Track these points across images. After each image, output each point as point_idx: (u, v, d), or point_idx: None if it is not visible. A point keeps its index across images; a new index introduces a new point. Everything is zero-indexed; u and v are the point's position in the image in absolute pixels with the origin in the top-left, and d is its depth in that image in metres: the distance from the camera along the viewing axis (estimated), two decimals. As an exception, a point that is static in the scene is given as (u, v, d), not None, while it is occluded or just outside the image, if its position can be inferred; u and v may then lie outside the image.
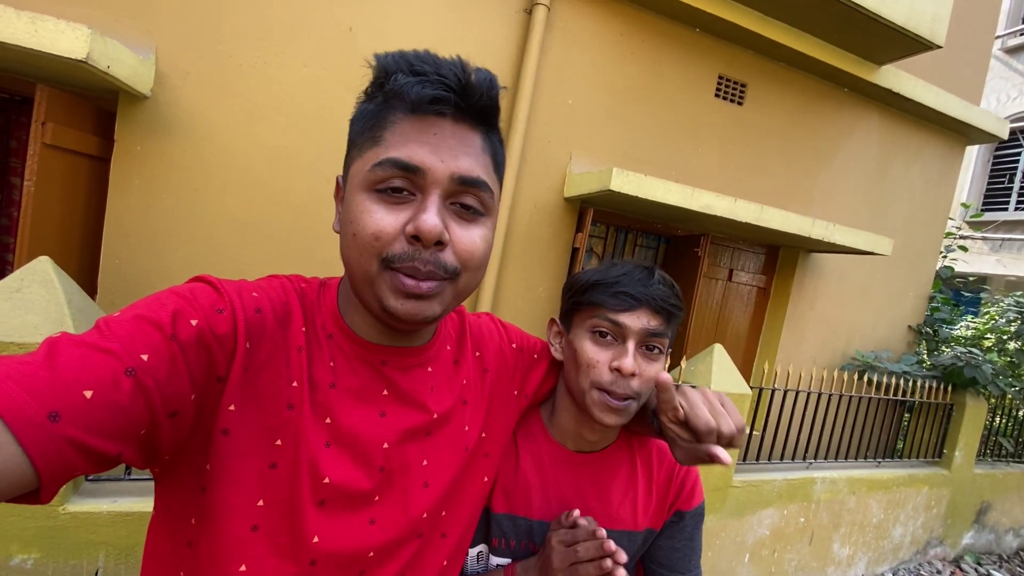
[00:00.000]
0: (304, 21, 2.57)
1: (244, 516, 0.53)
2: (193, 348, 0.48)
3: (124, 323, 0.45)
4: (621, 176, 2.67)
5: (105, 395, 0.41)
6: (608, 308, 0.77)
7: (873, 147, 4.13)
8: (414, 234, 0.52)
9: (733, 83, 3.55)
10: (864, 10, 3.03)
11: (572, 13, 3.04)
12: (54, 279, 1.60)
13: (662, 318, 0.78)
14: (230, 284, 0.55)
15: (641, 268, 0.80)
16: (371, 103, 0.56)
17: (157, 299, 0.49)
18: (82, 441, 0.40)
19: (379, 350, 0.62)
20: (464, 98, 0.54)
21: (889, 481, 3.60)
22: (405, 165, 0.52)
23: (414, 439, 0.64)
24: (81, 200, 2.38)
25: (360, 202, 0.54)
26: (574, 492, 0.85)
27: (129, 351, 0.43)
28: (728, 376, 2.75)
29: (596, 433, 0.85)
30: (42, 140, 2.11)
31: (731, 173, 3.62)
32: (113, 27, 2.28)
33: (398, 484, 0.62)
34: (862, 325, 4.35)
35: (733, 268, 4.02)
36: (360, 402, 0.60)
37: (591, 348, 0.78)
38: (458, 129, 0.55)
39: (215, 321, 0.50)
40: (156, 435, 0.46)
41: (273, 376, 0.55)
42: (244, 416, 0.53)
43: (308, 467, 0.55)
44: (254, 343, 0.54)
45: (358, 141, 0.56)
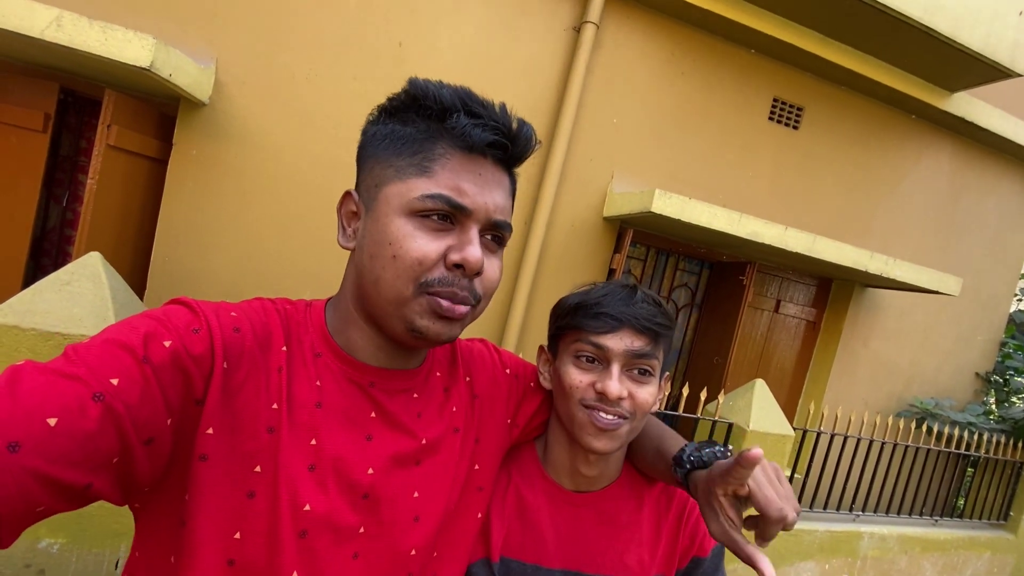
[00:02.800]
0: (357, 35, 2.64)
1: (220, 550, 0.50)
2: (168, 370, 0.46)
3: (92, 348, 0.44)
4: (663, 198, 2.59)
5: (71, 422, 0.39)
6: (589, 331, 0.74)
7: (942, 178, 3.86)
8: (458, 263, 0.55)
9: (789, 106, 3.40)
10: (936, 34, 2.85)
11: (622, 32, 3.00)
12: (102, 274, 1.66)
13: (648, 338, 0.73)
14: (207, 305, 0.53)
15: (623, 287, 0.77)
16: (409, 126, 0.56)
17: (128, 323, 0.47)
18: (45, 472, 0.37)
19: (368, 371, 0.61)
20: (512, 147, 0.58)
21: (947, 542, 3.29)
22: (457, 204, 0.54)
23: (402, 467, 0.61)
24: (138, 199, 2.50)
25: (402, 226, 0.54)
26: (575, 535, 0.79)
27: (97, 376, 0.42)
28: (769, 414, 2.58)
29: (592, 468, 0.80)
30: (107, 141, 2.23)
31: (783, 200, 3.46)
32: (178, 37, 2.41)
33: (385, 516, 0.59)
34: (922, 369, 4.03)
35: (781, 299, 3.82)
36: (347, 423, 0.58)
37: (575, 373, 0.75)
38: (497, 172, 0.58)
39: (190, 341, 0.49)
40: (131, 465, 0.44)
41: (252, 398, 0.53)
42: (222, 440, 0.50)
43: (288, 494, 0.53)
44: (232, 363, 0.52)
45: (396, 163, 0.56)
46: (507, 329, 2.94)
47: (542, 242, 2.95)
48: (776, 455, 2.52)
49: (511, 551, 0.78)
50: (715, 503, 0.61)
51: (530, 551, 0.78)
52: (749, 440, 2.49)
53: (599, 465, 0.80)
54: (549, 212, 2.93)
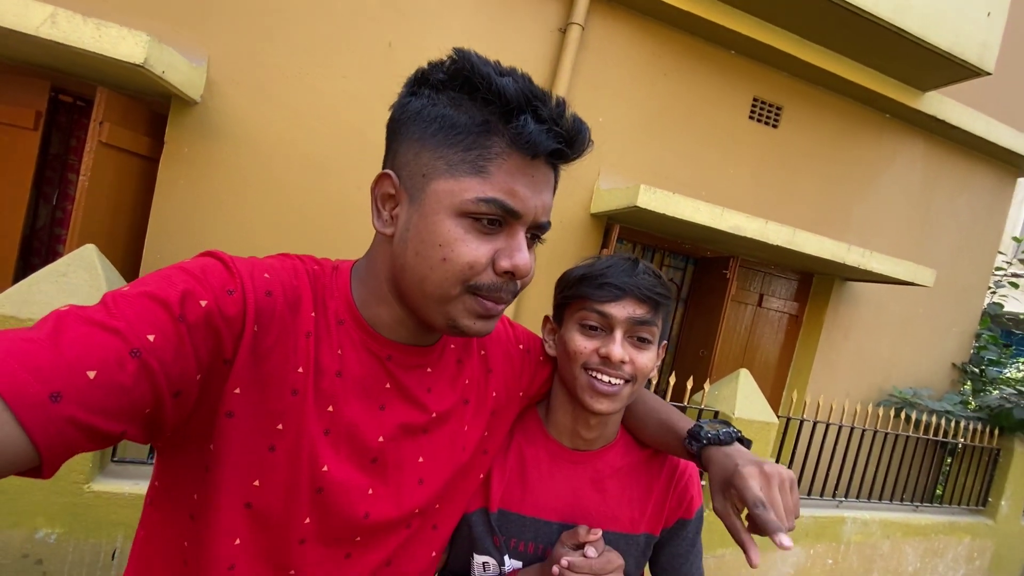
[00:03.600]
0: (347, 36, 2.69)
1: (239, 494, 0.54)
2: (201, 329, 0.47)
3: (132, 300, 0.44)
4: (648, 193, 2.66)
5: (108, 376, 0.41)
6: (594, 299, 0.78)
7: (916, 175, 4.00)
8: (509, 270, 0.55)
9: (768, 105, 3.51)
10: (908, 35, 2.97)
11: (606, 33, 3.08)
12: (98, 266, 1.69)
13: (648, 307, 0.78)
14: (242, 263, 0.53)
15: (625, 259, 0.82)
16: (462, 114, 0.53)
17: (166, 276, 0.48)
18: (84, 421, 0.40)
19: (387, 344, 0.62)
20: (571, 151, 0.56)
21: (927, 528, 3.38)
22: (510, 209, 0.54)
23: (410, 435, 0.64)
24: (129, 197, 2.52)
25: (452, 228, 0.54)
26: (571, 490, 0.84)
27: (135, 331, 0.43)
28: (753, 403, 2.66)
29: (592, 430, 0.85)
30: (98, 138, 2.25)
31: (764, 196, 3.56)
32: (171, 36, 2.44)
33: (392, 479, 0.63)
34: (901, 360, 4.15)
35: (764, 293, 3.91)
36: (363, 393, 0.60)
37: (579, 339, 0.79)
38: (547, 172, 0.57)
39: (224, 302, 0.49)
40: (159, 414, 0.47)
41: (280, 361, 0.54)
42: (248, 399, 0.53)
43: (308, 454, 0.55)
44: (262, 327, 0.53)
45: (448, 156, 0.54)
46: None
47: (531, 238, 3.01)
48: (761, 442, 2.59)
49: (511, 504, 0.82)
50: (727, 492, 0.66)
51: (529, 505, 0.82)
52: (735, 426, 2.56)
53: (598, 428, 0.85)
54: (537, 208, 2.99)
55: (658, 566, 0.89)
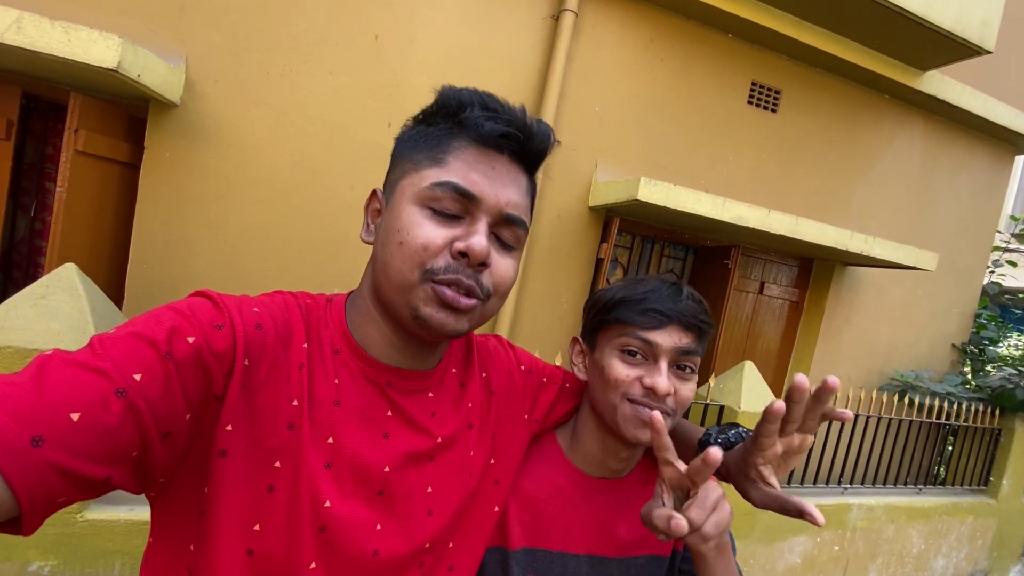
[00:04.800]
0: (331, 30, 2.57)
1: (240, 540, 0.51)
2: (189, 366, 0.47)
3: (118, 341, 0.44)
4: (649, 185, 2.59)
5: (93, 417, 0.40)
6: (637, 326, 0.73)
7: (916, 156, 3.95)
8: (463, 251, 0.55)
9: (767, 90, 3.43)
10: (909, 14, 2.89)
11: (600, 19, 2.98)
12: (79, 286, 1.60)
13: (693, 335, 0.74)
14: (231, 299, 0.54)
15: (669, 284, 0.77)
16: (433, 127, 0.59)
17: (154, 316, 0.48)
18: (66, 466, 0.38)
19: (386, 370, 0.61)
20: (526, 141, 0.58)
21: (931, 509, 3.40)
22: (465, 191, 0.55)
23: (417, 464, 0.63)
24: (111, 206, 2.42)
25: (412, 214, 0.55)
26: (596, 520, 0.80)
27: (120, 371, 0.42)
28: (758, 395, 2.63)
29: (622, 461, 0.81)
30: (74, 147, 2.14)
31: (764, 183, 3.50)
32: (146, 36, 2.32)
33: (400, 511, 0.61)
34: (902, 343, 4.14)
35: (764, 281, 3.87)
36: (364, 422, 0.59)
37: (620, 367, 0.74)
38: (512, 168, 0.59)
39: (213, 338, 0.49)
40: (148, 457, 0.45)
41: (273, 395, 0.53)
42: (242, 436, 0.51)
43: (308, 491, 0.54)
44: (253, 360, 0.52)
45: (415, 158, 0.58)
46: (499, 320, 2.93)
47: (530, 235, 2.92)
48: (767, 434, 2.57)
49: (535, 541, 0.77)
50: (753, 474, 0.66)
51: (556, 539, 0.78)
52: (741, 421, 2.53)
53: (629, 458, 0.81)
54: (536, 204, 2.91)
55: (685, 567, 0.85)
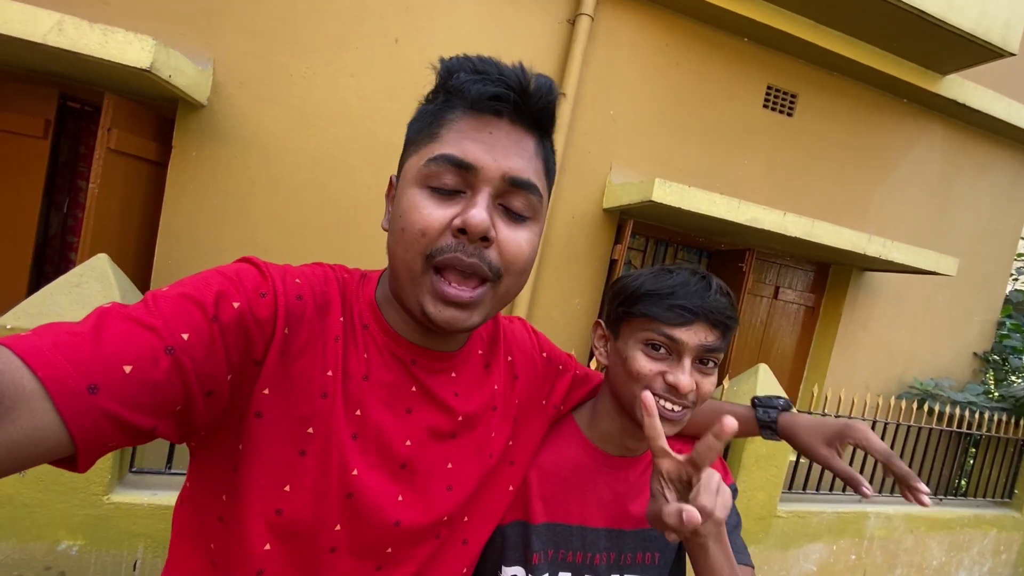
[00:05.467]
0: (353, 33, 2.65)
1: (270, 499, 0.53)
2: (233, 330, 0.49)
3: (170, 300, 0.46)
4: (664, 187, 2.61)
5: (143, 371, 0.42)
6: (663, 322, 0.72)
7: (935, 161, 3.90)
8: (461, 227, 0.52)
9: (783, 93, 3.43)
10: (928, 16, 2.88)
11: (616, 23, 3.02)
12: (110, 276, 1.67)
13: (719, 332, 0.73)
14: (275, 268, 0.55)
15: (698, 277, 0.75)
16: (432, 104, 0.57)
17: (204, 279, 0.50)
18: (118, 414, 0.41)
19: (411, 348, 0.62)
20: (523, 100, 0.54)
21: (952, 521, 3.32)
22: (458, 161, 0.52)
23: (438, 440, 0.64)
24: (139, 202, 2.50)
25: (411, 197, 0.54)
26: (614, 495, 0.83)
27: (171, 329, 0.44)
28: (774, 398, 2.61)
29: (640, 441, 0.82)
30: (107, 145, 2.23)
31: (779, 186, 3.49)
32: (176, 40, 2.41)
33: (420, 484, 0.62)
34: (921, 351, 4.07)
35: (779, 285, 3.84)
36: (389, 397, 0.60)
37: (643, 361, 0.74)
38: (513, 130, 0.55)
39: (257, 305, 0.51)
40: (192, 412, 0.47)
41: (309, 364, 0.55)
42: (277, 401, 0.53)
43: (338, 458, 0.55)
44: (292, 329, 0.54)
45: (416, 139, 0.57)
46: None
47: (544, 236, 2.96)
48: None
49: (556, 516, 0.79)
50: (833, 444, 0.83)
51: (575, 513, 0.80)
52: (755, 424, 2.51)
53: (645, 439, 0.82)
54: (550, 205, 2.95)
55: None
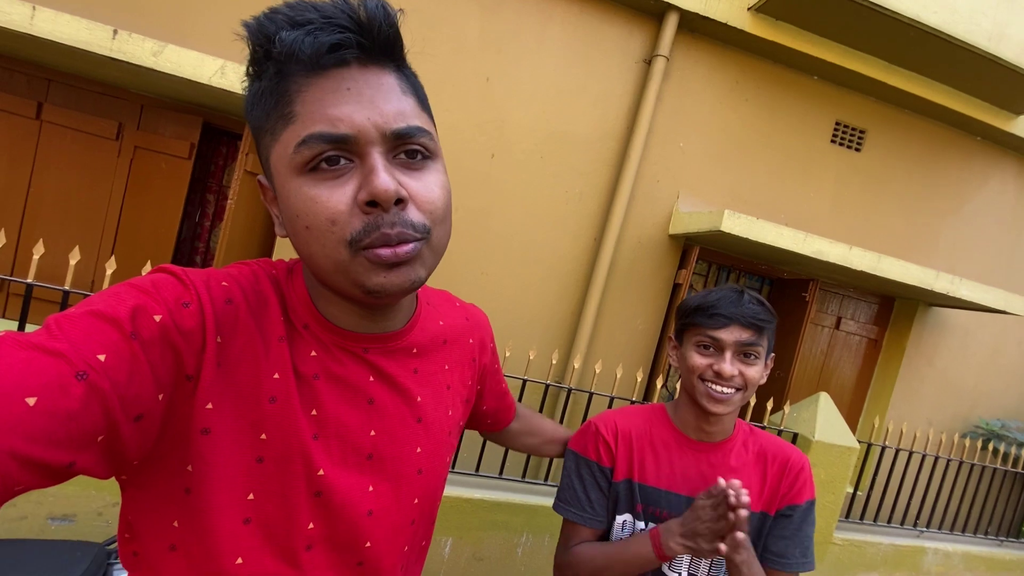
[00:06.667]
0: (450, 72, 2.95)
1: (235, 511, 0.51)
2: (157, 346, 0.44)
3: (77, 321, 0.41)
4: (732, 218, 2.76)
5: (51, 401, 0.37)
6: (707, 327, 0.97)
7: (1008, 199, 3.87)
8: (368, 200, 0.47)
9: (851, 129, 3.52)
10: (1003, 62, 2.93)
11: (689, 63, 3.21)
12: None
13: (753, 331, 0.96)
14: (196, 274, 0.50)
15: (733, 291, 0.99)
16: (262, 80, 0.48)
17: (114, 294, 0.44)
18: (23, 453, 0.36)
19: (359, 338, 0.58)
20: (365, 36, 0.47)
21: (1012, 563, 3.25)
22: (331, 137, 0.46)
23: (403, 425, 0.62)
24: (262, 216, 2.87)
25: (298, 190, 0.47)
26: (697, 471, 1.03)
27: (80, 352, 0.39)
28: (833, 427, 2.69)
29: (712, 425, 1.03)
30: (244, 168, 2.60)
31: (845, 219, 3.56)
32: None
33: (390, 472, 0.61)
34: (989, 390, 4.00)
35: (842, 316, 3.89)
36: (347, 391, 0.57)
37: (697, 358, 0.99)
38: (369, 75, 0.48)
39: (180, 316, 0.46)
40: (119, 441, 0.42)
41: (250, 370, 0.51)
42: (224, 413, 0.49)
43: (301, 460, 0.53)
44: (226, 337, 0.49)
45: (266, 126, 0.49)
46: (577, 338, 3.16)
47: (611, 258, 3.16)
48: (840, 467, 2.62)
49: (647, 479, 1.03)
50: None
51: (664, 480, 1.02)
52: (815, 450, 2.60)
53: (717, 424, 1.03)
54: (619, 230, 3.15)
55: (766, 549, 1.03)
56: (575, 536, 1.07)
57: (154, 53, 2.19)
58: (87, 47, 2.13)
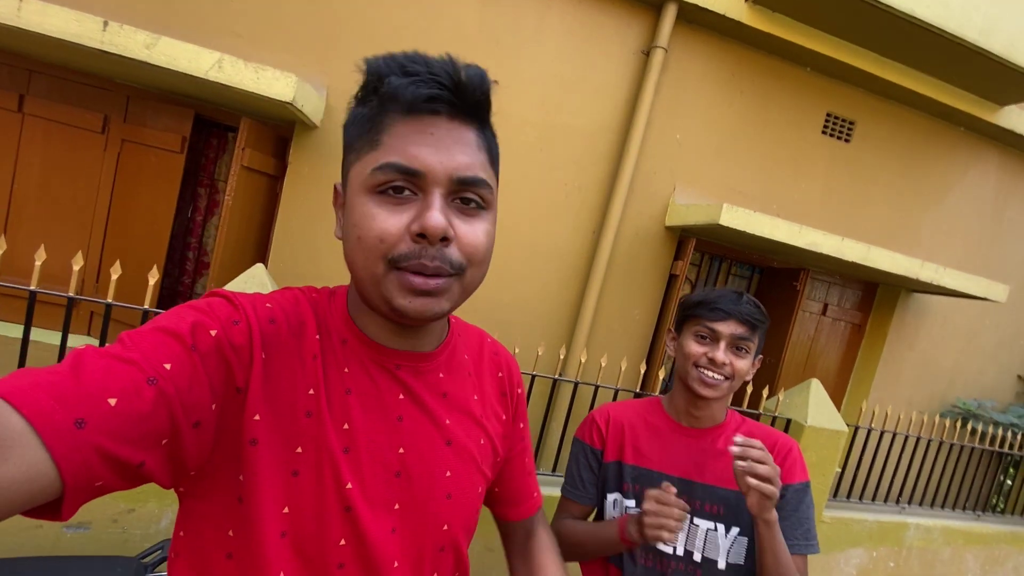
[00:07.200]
0: (448, 62, 2.90)
1: (275, 524, 0.54)
2: (213, 357, 0.49)
3: (146, 335, 0.47)
4: (731, 211, 2.81)
5: (128, 403, 0.42)
6: (707, 319, 1.08)
7: (989, 188, 4.00)
8: (419, 232, 0.53)
9: (841, 120, 3.58)
10: (992, 56, 3.01)
11: (687, 55, 3.22)
12: (268, 283, 1.97)
13: (747, 327, 1.07)
14: (244, 297, 0.56)
15: (733, 292, 1.11)
16: (365, 107, 0.56)
17: (176, 313, 0.51)
18: (106, 448, 0.40)
19: (393, 354, 0.63)
20: (457, 95, 0.54)
21: (989, 536, 3.45)
22: (405, 169, 0.53)
23: (432, 447, 0.64)
24: (259, 212, 2.82)
25: (362, 205, 0.54)
26: (687, 454, 1.13)
27: (150, 361, 0.45)
28: (824, 412, 2.80)
29: (701, 410, 1.12)
30: (241, 163, 2.54)
31: (834, 209, 3.64)
32: (296, 67, 2.70)
33: (419, 493, 0.62)
34: (965, 371, 4.18)
35: (828, 303, 4.00)
36: (377, 407, 0.60)
37: (694, 346, 1.10)
38: (453, 127, 0.55)
39: (231, 332, 0.52)
40: (180, 445, 0.47)
41: (289, 385, 0.56)
42: (268, 426, 0.54)
43: (331, 473, 0.56)
44: (270, 353, 0.55)
45: (356, 145, 0.56)
46: (577, 328, 3.20)
47: (610, 250, 3.19)
48: (830, 449, 2.74)
49: (640, 461, 1.13)
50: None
51: (656, 462, 1.12)
52: (807, 435, 2.71)
53: (705, 409, 1.12)
54: (617, 222, 3.17)
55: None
56: (565, 509, 1.20)
57: (147, 46, 2.11)
58: (77, 39, 2.04)
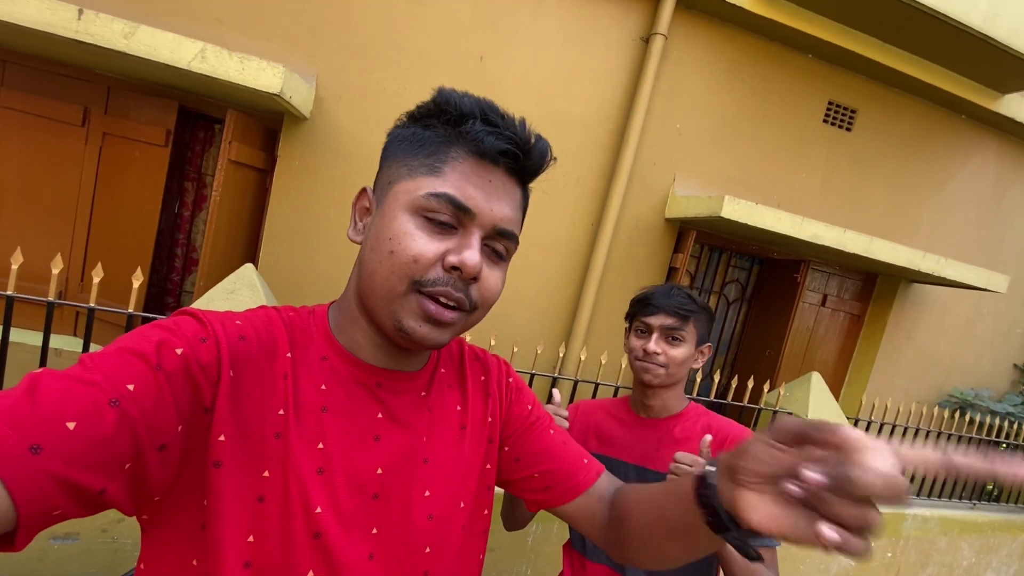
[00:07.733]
0: (442, 51, 2.81)
1: (236, 553, 0.51)
2: (179, 377, 0.48)
3: (108, 356, 0.45)
4: (733, 203, 2.76)
5: (88, 426, 0.40)
6: (641, 314, 1.17)
7: (989, 176, 3.97)
8: (456, 265, 0.54)
9: (843, 109, 3.52)
10: (995, 43, 2.95)
11: (687, 42, 3.14)
12: (257, 284, 1.90)
13: (677, 318, 1.13)
14: (213, 315, 0.55)
15: (666, 287, 1.19)
16: (429, 131, 0.57)
17: (140, 333, 0.49)
18: (64, 475, 0.38)
19: (374, 371, 0.62)
20: (523, 158, 0.58)
21: (984, 525, 3.48)
22: (459, 204, 0.55)
23: (411, 466, 0.62)
24: (247, 206, 2.73)
25: (404, 222, 0.55)
26: (643, 444, 1.19)
27: (112, 382, 0.43)
28: (825, 404, 2.78)
29: (651, 400, 1.19)
30: (228, 156, 2.45)
31: (834, 199, 3.60)
32: (284, 57, 2.60)
33: (396, 515, 0.60)
34: (963, 361, 4.18)
35: (827, 293, 3.98)
36: (354, 426, 0.59)
37: (634, 339, 1.19)
38: (508, 181, 0.59)
39: (199, 350, 0.50)
40: (144, 470, 0.45)
41: (258, 405, 0.54)
42: (234, 447, 0.51)
43: (299, 498, 0.53)
44: (239, 371, 0.53)
45: (410, 163, 0.57)
46: (577, 319, 3.15)
47: (610, 241, 3.14)
48: (832, 443, 2.73)
49: (602, 450, 1.20)
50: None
51: (616, 450, 1.20)
52: (808, 429, 2.69)
53: (655, 399, 1.19)
54: (617, 213, 3.11)
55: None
56: None
57: (125, 35, 2.01)
58: (50, 29, 1.94)
